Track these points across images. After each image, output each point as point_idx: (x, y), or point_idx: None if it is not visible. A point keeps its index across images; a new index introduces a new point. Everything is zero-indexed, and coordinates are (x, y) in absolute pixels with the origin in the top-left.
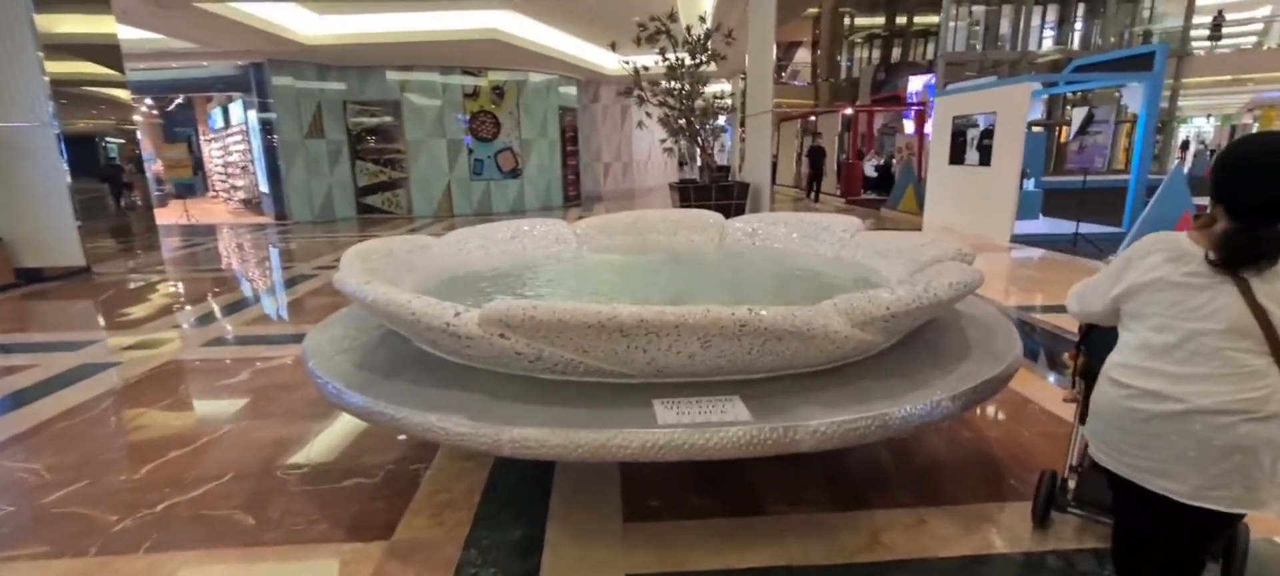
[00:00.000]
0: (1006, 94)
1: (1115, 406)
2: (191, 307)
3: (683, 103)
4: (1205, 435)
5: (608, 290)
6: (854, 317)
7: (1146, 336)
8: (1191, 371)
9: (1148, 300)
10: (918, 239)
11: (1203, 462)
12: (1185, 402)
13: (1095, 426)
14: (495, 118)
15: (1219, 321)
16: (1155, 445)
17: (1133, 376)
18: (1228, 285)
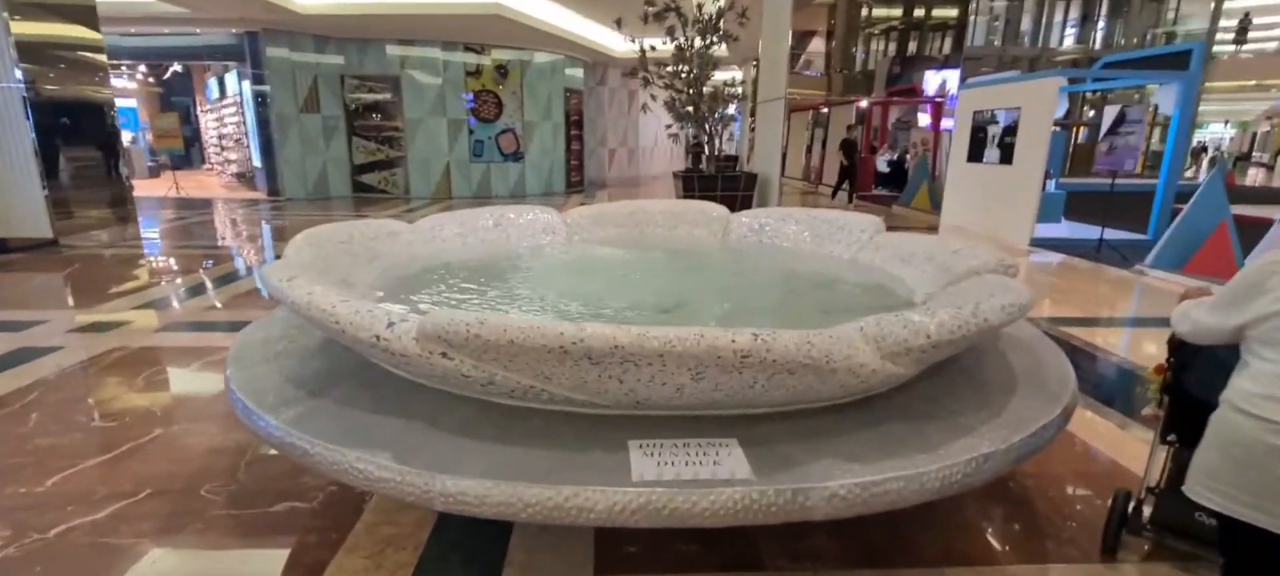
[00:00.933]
0: (1032, 89)
1: (1253, 442)
2: (154, 288)
3: (690, 87)
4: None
5: (593, 291)
6: (886, 347)
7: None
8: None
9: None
10: (949, 244)
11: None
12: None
13: (1213, 463)
14: (498, 98)
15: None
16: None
17: (1269, 409)
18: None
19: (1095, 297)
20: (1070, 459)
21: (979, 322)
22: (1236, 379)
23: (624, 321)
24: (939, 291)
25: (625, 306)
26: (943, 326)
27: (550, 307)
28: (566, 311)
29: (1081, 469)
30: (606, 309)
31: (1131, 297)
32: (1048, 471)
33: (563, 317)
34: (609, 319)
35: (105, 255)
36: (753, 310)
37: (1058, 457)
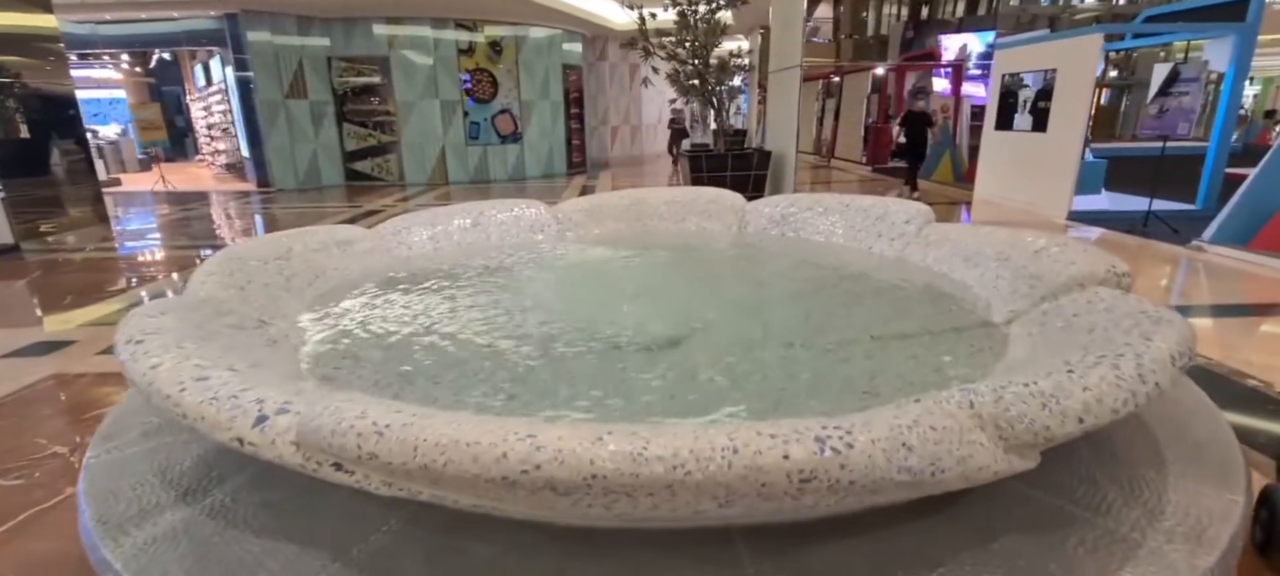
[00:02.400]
0: (1070, 47)
1: None
2: (112, 300)
3: (695, 56)
4: None
5: (583, 312)
6: (1014, 435)
7: None
8: None
9: None
10: (1026, 241)
11: None
12: None
13: None
14: (492, 77)
15: None
16: None
17: None
18: None
19: (1152, 281)
20: None
21: (1147, 389)
22: None
23: (619, 362)
24: (1031, 310)
25: (623, 337)
26: (1099, 398)
27: (522, 350)
28: (544, 352)
29: None
30: (597, 339)
31: (1198, 280)
32: None
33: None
34: (594, 362)
35: (70, 260)
36: (787, 336)
37: None
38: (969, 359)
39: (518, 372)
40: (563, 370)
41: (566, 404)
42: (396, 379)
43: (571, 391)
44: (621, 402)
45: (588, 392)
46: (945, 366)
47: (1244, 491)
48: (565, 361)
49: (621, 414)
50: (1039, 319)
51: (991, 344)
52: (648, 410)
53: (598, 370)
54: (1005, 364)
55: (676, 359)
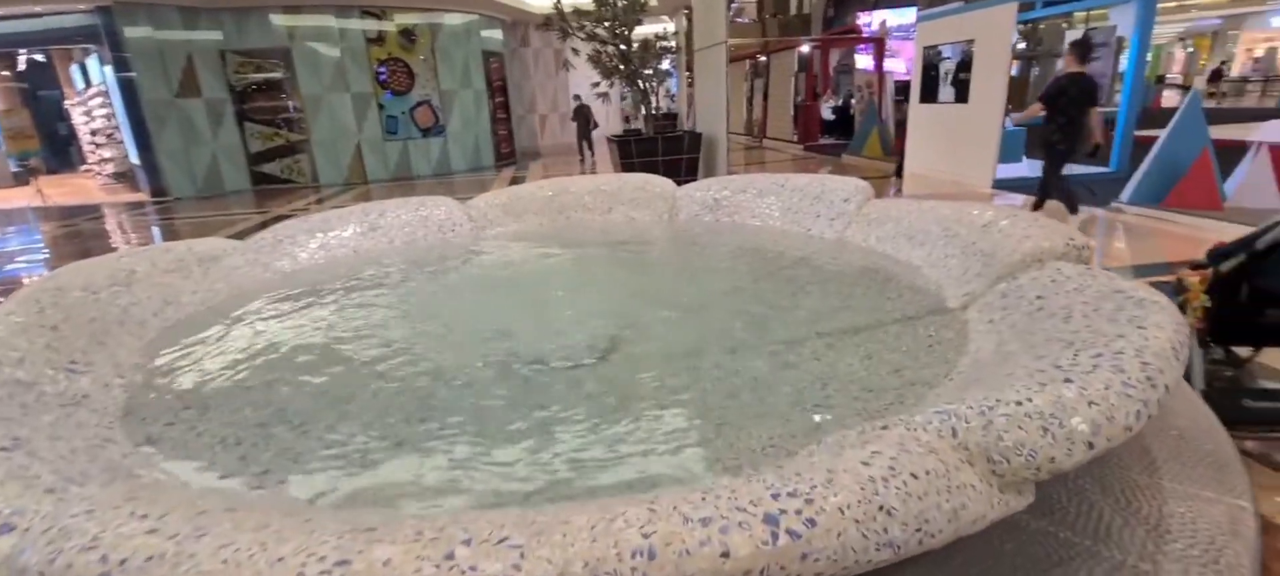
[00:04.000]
0: (986, 18)
1: None
2: None
3: (616, 38)
4: None
5: (496, 321)
6: (1010, 469)
7: None
8: None
9: None
10: (972, 214)
11: None
12: None
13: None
14: (408, 67)
15: None
16: None
17: None
18: None
19: None
20: None
21: (1158, 395)
22: None
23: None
24: (987, 292)
25: (544, 351)
26: (1108, 415)
27: (422, 376)
28: (449, 378)
29: None
30: (515, 356)
31: (1120, 240)
32: None
33: (433, 401)
34: (509, 386)
35: None
36: (728, 340)
37: None
38: (928, 353)
39: (413, 408)
40: (470, 400)
41: (473, 445)
42: (253, 430)
43: (478, 428)
44: (531, 444)
45: (499, 428)
46: (904, 367)
47: (1250, 496)
48: (475, 387)
49: (531, 460)
50: (999, 302)
51: (950, 334)
52: (568, 453)
53: (513, 396)
54: (970, 360)
55: (605, 375)
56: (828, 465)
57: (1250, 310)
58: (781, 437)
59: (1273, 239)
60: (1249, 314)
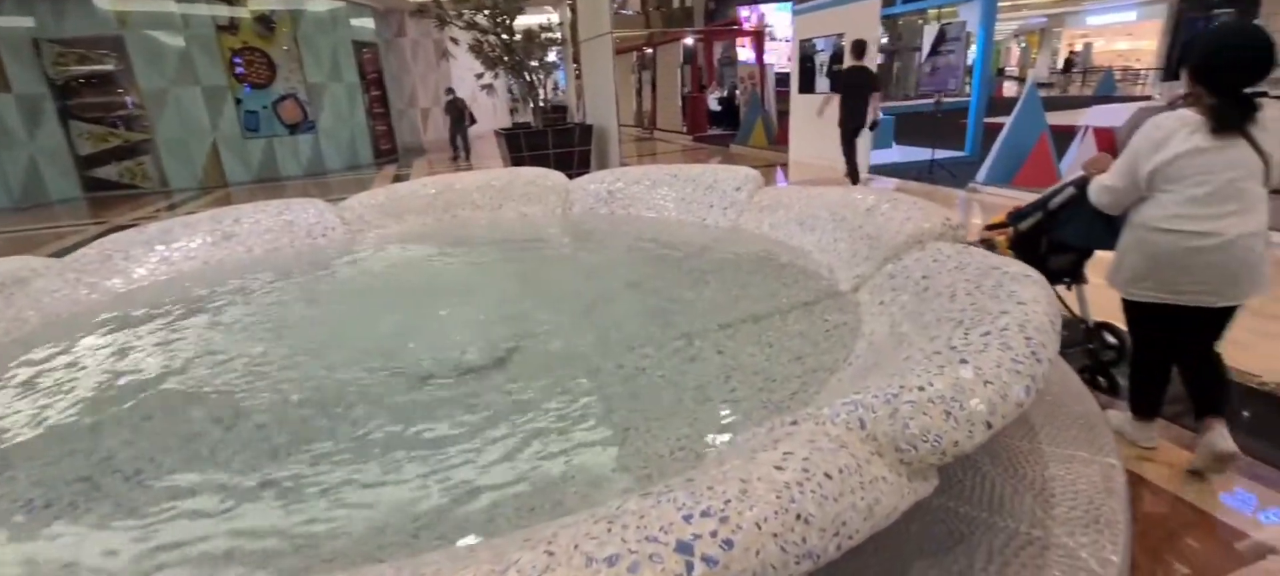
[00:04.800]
0: (853, 13)
1: (1173, 249)
2: None
3: (497, 25)
4: (1237, 255)
5: (376, 335)
6: (917, 456)
7: (1190, 192)
8: (1223, 210)
9: (1185, 166)
10: (858, 199)
11: (1231, 276)
12: (1223, 235)
13: (1139, 270)
14: (267, 57)
15: (1240, 169)
16: (1202, 271)
17: (1184, 223)
18: (1239, 140)
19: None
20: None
21: (1042, 368)
22: (1144, 212)
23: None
24: (876, 274)
25: (429, 363)
26: (1002, 393)
27: (288, 401)
28: (319, 401)
29: None
30: (394, 371)
31: (977, 217)
32: None
33: (301, 428)
34: (388, 404)
35: None
36: (628, 337)
37: None
38: (826, 339)
39: (280, 440)
40: (341, 425)
41: (350, 478)
42: (71, 486)
43: (358, 456)
44: (419, 470)
45: (383, 454)
46: (805, 354)
47: (1117, 453)
48: (354, 410)
49: (419, 489)
50: (887, 283)
51: (845, 317)
52: (460, 478)
53: (399, 417)
54: (866, 343)
55: (501, 385)
56: (741, 474)
57: (1046, 259)
58: (690, 438)
59: (1062, 199)
60: (1044, 262)
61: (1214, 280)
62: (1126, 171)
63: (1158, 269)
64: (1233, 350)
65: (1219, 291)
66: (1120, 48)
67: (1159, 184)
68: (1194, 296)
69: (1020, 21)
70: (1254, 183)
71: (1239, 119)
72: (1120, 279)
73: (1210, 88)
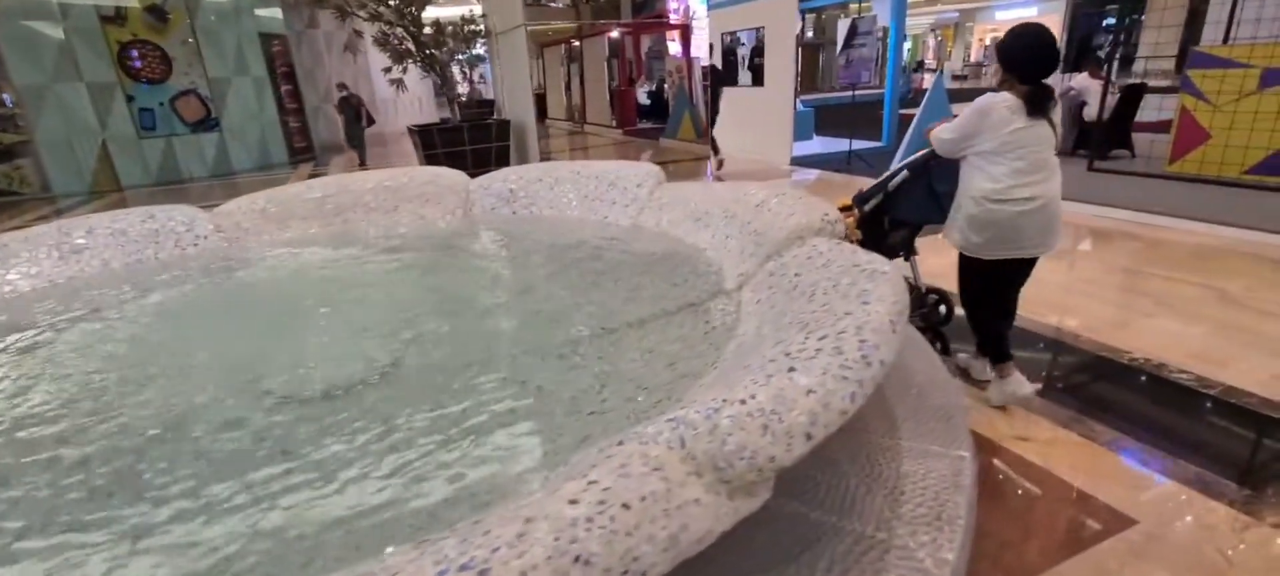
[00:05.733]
0: (772, 6)
1: (1009, 214)
2: None
3: (403, 16)
4: (1048, 214)
5: (234, 360)
6: (736, 474)
7: (1016, 166)
8: (1037, 179)
9: (1012, 142)
10: (749, 195)
11: (1043, 232)
12: (1036, 200)
13: (973, 238)
14: (162, 51)
15: (1044, 146)
16: (1030, 229)
17: (1014, 193)
18: (1041, 119)
19: None
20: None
21: (873, 372)
22: (974, 184)
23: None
24: (758, 271)
25: (296, 381)
26: (825, 401)
27: (129, 434)
28: (169, 430)
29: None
30: (256, 393)
31: None
32: None
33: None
34: (244, 432)
35: None
36: (514, 343)
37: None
38: (704, 341)
39: (105, 480)
40: (186, 460)
41: (176, 525)
42: None
43: (193, 493)
44: (252, 514)
45: (223, 494)
46: (679, 359)
47: (968, 443)
48: (199, 440)
49: (248, 537)
50: (767, 281)
51: (726, 318)
52: (301, 520)
53: (251, 446)
54: (736, 345)
55: (373, 405)
56: (528, 514)
57: (887, 235)
58: (549, 457)
59: (898, 181)
60: (886, 238)
61: (1037, 234)
62: (966, 130)
63: (999, 232)
64: (1109, 329)
65: (1041, 243)
66: None
67: (983, 159)
68: (1026, 249)
69: (935, 16)
70: (1052, 152)
71: (1046, 102)
72: (969, 245)
73: (1021, 78)
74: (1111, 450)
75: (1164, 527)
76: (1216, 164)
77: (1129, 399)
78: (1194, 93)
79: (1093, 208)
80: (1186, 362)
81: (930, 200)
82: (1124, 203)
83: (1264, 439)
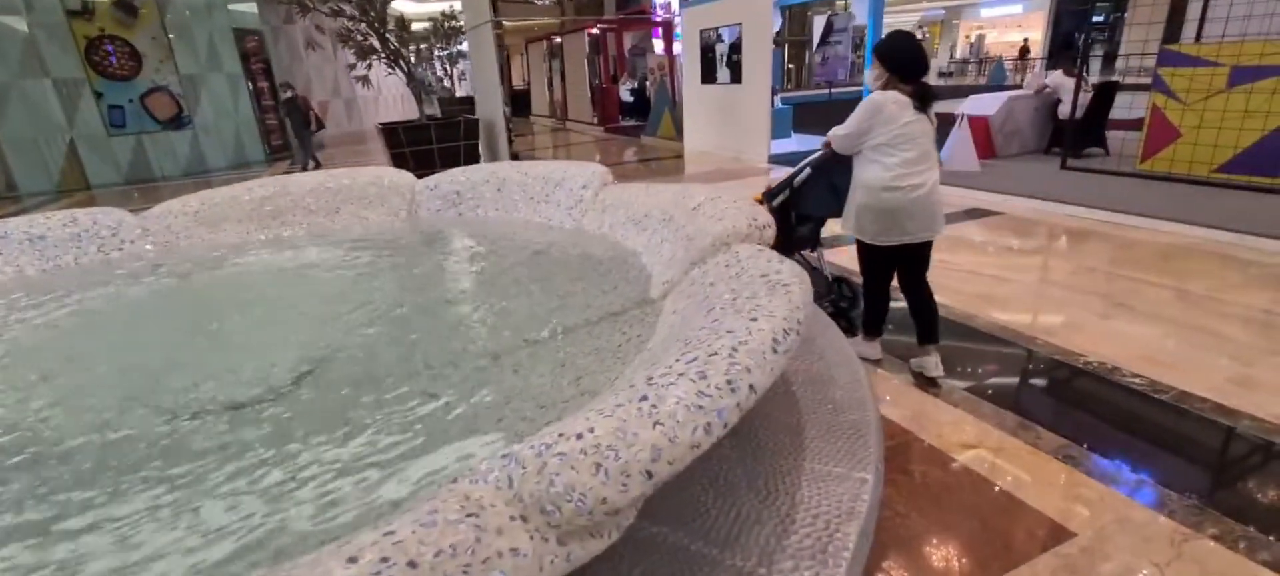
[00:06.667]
0: (749, 2)
1: (900, 201)
2: None
3: (365, 12)
4: (932, 200)
5: (148, 365)
6: (563, 519)
7: (906, 156)
8: (923, 168)
9: (903, 136)
10: (688, 198)
11: (929, 217)
12: (924, 187)
13: (868, 224)
14: (131, 47)
15: (928, 138)
16: (919, 214)
17: (904, 181)
18: (925, 114)
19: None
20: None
21: (739, 399)
22: (868, 174)
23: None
24: (682, 279)
25: (204, 391)
26: (672, 435)
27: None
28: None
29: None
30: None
31: None
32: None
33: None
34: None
35: None
36: (431, 355)
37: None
38: (614, 355)
39: None
40: (67, 475)
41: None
42: None
43: (60, 514)
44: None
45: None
46: (586, 373)
47: (874, 463)
48: (85, 455)
49: None
50: (687, 290)
51: (642, 330)
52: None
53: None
54: (640, 360)
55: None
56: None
57: (794, 229)
58: (429, 481)
59: (803, 178)
60: (794, 231)
61: (925, 219)
62: (862, 126)
63: (892, 219)
64: (1067, 332)
65: (928, 227)
66: (1012, 39)
67: (877, 152)
68: (914, 234)
69: (922, 13)
70: (932, 144)
71: (930, 98)
72: (866, 233)
73: (903, 78)
74: (1058, 459)
75: (1102, 541)
76: (1187, 162)
77: (1080, 405)
78: (1165, 91)
79: (1065, 207)
80: (1141, 366)
81: (832, 195)
82: (1096, 202)
83: (1210, 447)
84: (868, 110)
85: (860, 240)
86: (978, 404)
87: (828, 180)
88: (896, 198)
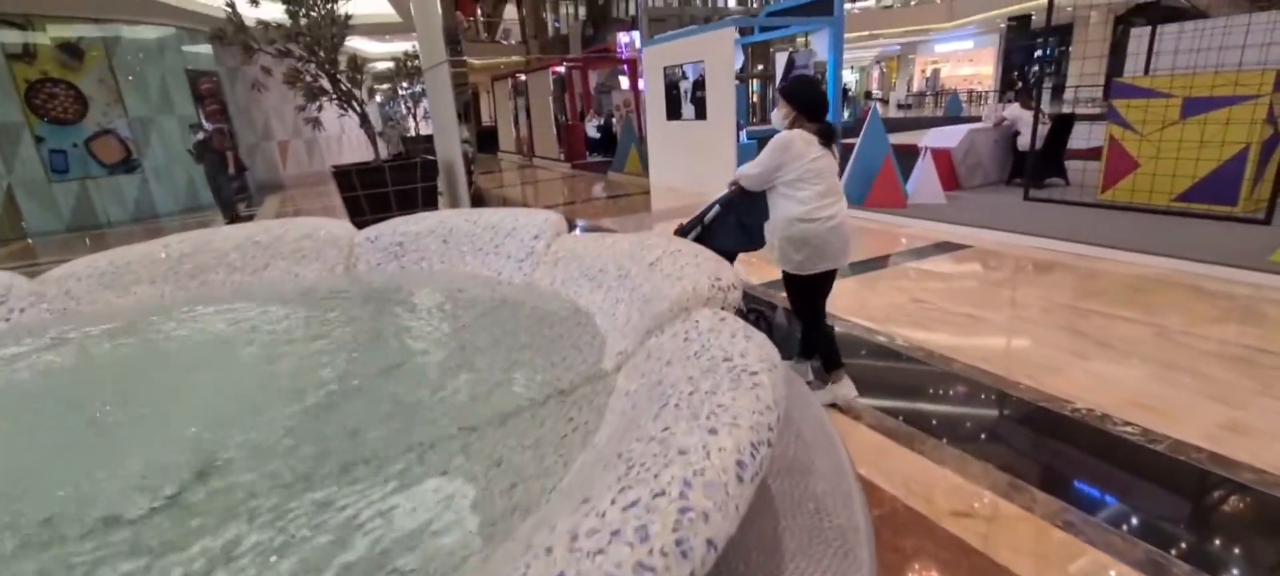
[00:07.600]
0: (711, 40)
1: (818, 232)
2: None
3: (314, 53)
4: (844, 231)
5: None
6: None
7: (818, 190)
8: (832, 200)
9: (812, 171)
10: (645, 250)
11: (844, 244)
12: (836, 218)
13: (792, 254)
14: (76, 90)
15: (833, 172)
16: (834, 244)
17: (819, 213)
18: (829, 151)
19: None
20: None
21: (691, 567)
22: (785, 209)
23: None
24: (638, 351)
25: (59, 506)
26: None
27: None
28: None
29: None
30: (16, 516)
31: None
32: None
33: None
34: None
35: None
36: (348, 454)
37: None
38: (558, 449)
39: None
40: None
41: None
42: None
43: None
44: None
45: None
46: (521, 479)
47: (867, 563)
48: None
49: None
50: (641, 366)
51: (589, 415)
52: None
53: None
54: (579, 465)
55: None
56: None
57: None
58: None
59: (713, 214)
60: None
61: (839, 248)
62: (772, 164)
63: (815, 249)
64: (1042, 374)
65: (843, 255)
66: (964, 72)
67: (789, 187)
68: (830, 262)
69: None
70: (836, 178)
71: (834, 136)
72: (790, 265)
73: (809, 117)
74: (1054, 525)
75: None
76: (1146, 192)
77: (1071, 459)
78: (1120, 122)
79: (1033, 239)
80: (1131, 413)
81: (740, 231)
82: (1062, 233)
83: (1213, 504)
84: (778, 148)
85: (786, 272)
86: (966, 462)
87: (735, 217)
88: (814, 228)
